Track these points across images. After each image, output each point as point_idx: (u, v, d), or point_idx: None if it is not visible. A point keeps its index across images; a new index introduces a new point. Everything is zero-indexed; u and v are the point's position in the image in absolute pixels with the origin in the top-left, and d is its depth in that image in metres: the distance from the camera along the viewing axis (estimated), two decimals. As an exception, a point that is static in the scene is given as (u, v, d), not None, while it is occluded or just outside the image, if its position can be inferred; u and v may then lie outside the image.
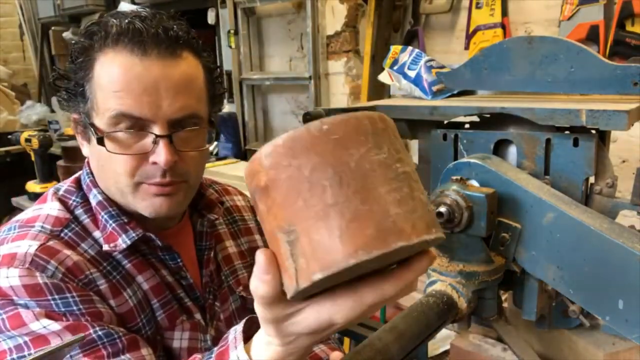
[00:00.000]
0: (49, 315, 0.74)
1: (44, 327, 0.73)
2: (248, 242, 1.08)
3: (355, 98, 2.58)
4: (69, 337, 0.73)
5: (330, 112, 0.96)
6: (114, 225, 0.86)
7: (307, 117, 0.94)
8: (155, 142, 0.80)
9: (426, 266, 0.48)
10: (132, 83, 0.78)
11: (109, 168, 0.83)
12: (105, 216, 0.87)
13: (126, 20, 0.80)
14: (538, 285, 0.81)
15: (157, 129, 0.80)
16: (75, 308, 0.76)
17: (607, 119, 0.73)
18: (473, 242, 0.76)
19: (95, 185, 0.88)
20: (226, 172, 2.66)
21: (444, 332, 1.29)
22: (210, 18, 3.08)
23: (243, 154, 3.06)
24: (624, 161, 1.89)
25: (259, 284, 0.48)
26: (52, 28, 4.43)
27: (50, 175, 2.92)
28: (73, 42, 0.85)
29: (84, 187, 0.90)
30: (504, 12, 2.07)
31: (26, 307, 0.74)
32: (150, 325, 0.85)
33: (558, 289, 0.76)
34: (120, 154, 0.81)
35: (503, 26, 2.07)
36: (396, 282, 0.48)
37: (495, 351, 1.00)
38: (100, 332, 0.75)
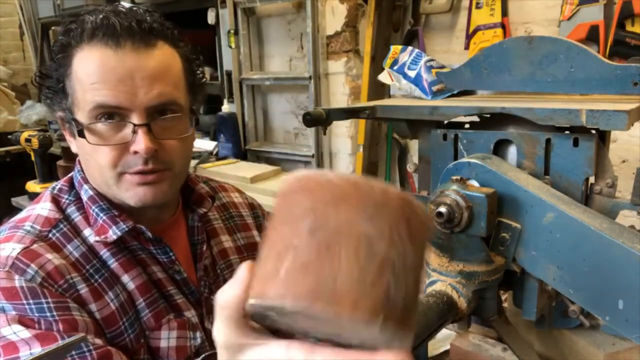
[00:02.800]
0: (21, 321, 0.75)
1: (14, 332, 0.73)
2: (245, 237, 1.09)
3: (355, 98, 2.58)
4: (37, 346, 0.73)
5: (331, 112, 0.96)
6: (104, 217, 0.87)
7: (307, 117, 0.94)
8: (134, 132, 0.82)
9: None
10: (108, 75, 0.81)
11: (93, 161, 0.85)
12: (96, 209, 0.88)
13: (101, 16, 0.83)
14: (538, 285, 0.81)
15: (135, 118, 0.82)
16: (48, 314, 0.76)
17: (607, 119, 0.73)
18: (473, 242, 0.76)
19: (86, 181, 0.90)
20: (226, 172, 2.66)
21: (444, 332, 1.29)
22: (210, 18, 3.08)
23: (243, 154, 3.06)
24: (624, 161, 1.89)
25: (227, 289, 0.46)
26: (52, 28, 4.43)
27: (50, 175, 2.92)
28: (54, 40, 0.88)
29: (76, 184, 0.91)
30: (504, 12, 2.07)
31: (3, 310, 0.74)
32: (134, 328, 0.84)
33: (558, 289, 0.76)
34: (100, 145, 0.82)
35: (503, 26, 2.07)
36: (349, 357, 0.44)
37: (495, 351, 1.00)
38: None
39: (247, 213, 1.12)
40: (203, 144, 3.15)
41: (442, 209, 0.73)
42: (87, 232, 0.87)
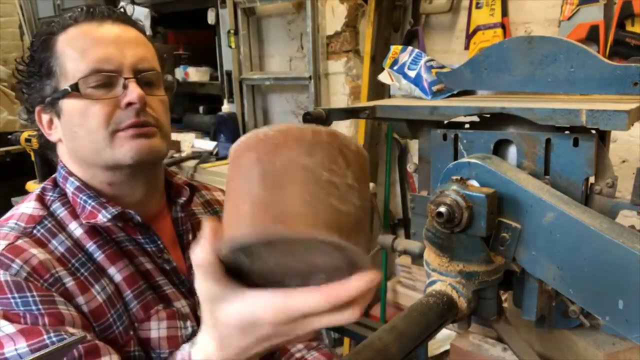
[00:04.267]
0: (6, 316, 0.75)
1: None
2: None
3: (355, 98, 2.58)
4: (22, 342, 0.74)
5: (331, 112, 0.96)
6: (93, 204, 0.89)
7: (307, 117, 0.94)
8: (125, 87, 0.89)
9: (361, 286, 0.47)
10: (97, 41, 0.89)
11: (84, 128, 0.88)
12: (84, 197, 0.90)
13: (79, 9, 0.93)
14: (538, 285, 0.81)
15: (125, 74, 0.89)
16: (34, 308, 0.76)
17: (607, 119, 0.73)
18: (473, 242, 0.76)
19: (71, 174, 0.93)
20: (226, 172, 2.66)
21: (444, 332, 1.29)
22: (210, 18, 3.08)
23: (243, 154, 3.06)
24: (624, 161, 1.89)
25: (198, 249, 0.49)
26: (52, 28, 4.43)
27: (50, 176, 2.91)
28: (34, 34, 0.97)
29: (60, 180, 0.94)
30: (504, 12, 2.07)
31: None
32: (122, 320, 0.85)
33: (558, 289, 0.76)
34: (94, 99, 0.87)
35: (503, 26, 2.07)
36: (324, 294, 0.47)
37: (495, 351, 1.00)
38: (54, 338, 0.75)
39: None
40: (203, 144, 3.15)
41: (442, 209, 0.73)
42: (73, 225, 0.88)
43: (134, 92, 0.88)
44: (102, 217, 0.87)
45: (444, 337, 1.33)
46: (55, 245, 0.85)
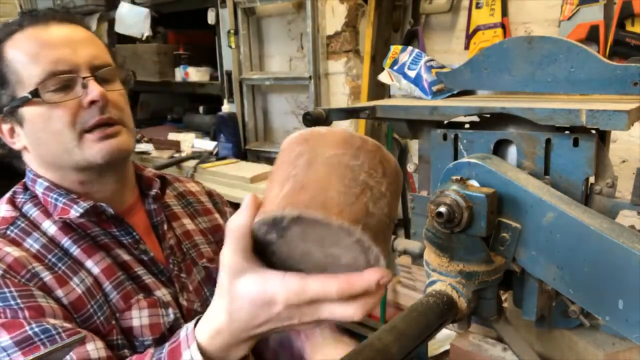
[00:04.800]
0: None
1: None
2: (208, 221, 1.12)
3: (355, 98, 2.58)
4: (4, 335, 0.74)
5: (331, 112, 0.96)
6: (64, 201, 0.90)
7: (307, 117, 0.94)
8: (84, 86, 0.88)
9: (374, 279, 0.50)
10: (47, 44, 0.88)
11: (49, 132, 0.89)
12: (55, 196, 0.91)
13: (20, 14, 0.95)
14: (538, 285, 0.81)
15: (82, 73, 0.89)
16: (13, 303, 0.77)
17: (607, 119, 0.73)
18: (473, 242, 0.76)
19: (39, 176, 0.93)
20: (226, 172, 2.66)
21: (444, 332, 1.29)
22: (210, 18, 3.08)
23: (243, 154, 3.06)
24: (624, 161, 1.89)
25: (235, 216, 0.53)
26: (52, 28, 4.43)
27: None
28: None
29: (29, 183, 0.95)
30: (504, 12, 2.07)
31: None
32: (102, 311, 0.85)
33: (558, 289, 0.76)
34: (56, 102, 0.87)
35: (503, 26, 2.07)
36: (341, 282, 0.51)
37: (495, 351, 1.00)
38: (37, 329, 0.75)
39: (206, 199, 1.16)
40: (203, 144, 3.15)
41: (442, 209, 0.73)
42: (47, 224, 0.89)
43: (94, 90, 0.88)
44: (74, 212, 0.88)
45: (444, 337, 1.33)
46: (30, 243, 0.86)
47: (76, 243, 0.88)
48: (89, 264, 0.87)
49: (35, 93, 0.86)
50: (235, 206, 1.18)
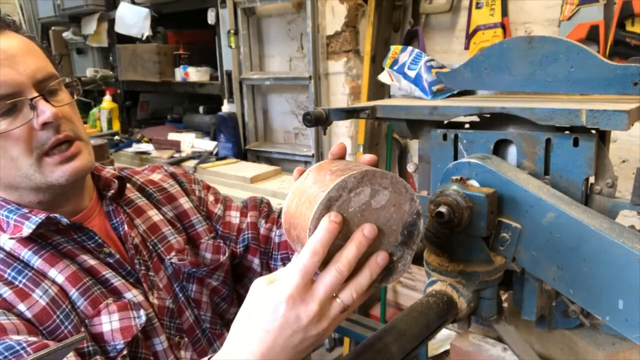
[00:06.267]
0: None
1: None
2: (173, 208, 1.10)
3: (355, 98, 2.58)
4: None
5: (331, 112, 0.96)
6: (15, 217, 0.87)
7: (307, 117, 0.94)
8: (33, 107, 0.83)
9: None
10: None
11: (5, 158, 0.84)
12: (5, 213, 0.87)
13: None
14: (538, 285, 0.81)
15: (28, 94, 0.83)
16: None
17: (607, 119, 0.73)
18: (473, 242, 0.76)
19: None
20: (226, 172, 2.66)
21: (444, 332, 1.29)
22: (210, 18, 3.08)
23: (243, 154, 3.06)
24: (624, 161, 1.89)
25: (305, 260, 0.56)
26: (52, 28, 4.43)
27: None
28: None
29: None
30: (504, 12, 2.07)
31: None
32: (70, 319, 0.84)
33: (558, 289, 0.76)
34: (7, 130, 0.82)
35: (503, 26, 2.07)
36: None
37: (495, 351, 1.00)
38: (0, 347, 0.73)
39: (170, 183, 1.13)
40: (203, 144, 3.15)
41: (442, 209, 0.73)
42: (3, 239, 0.86)
43: (46, 111, 0.83)
44: (27, 229, 0.85)
45: (444, 337, 1.34)
46: None
47: (37, 254, 0.86)
48: (52, 273, 0.85)
49: None
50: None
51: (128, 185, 1.06)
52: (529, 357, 0.82)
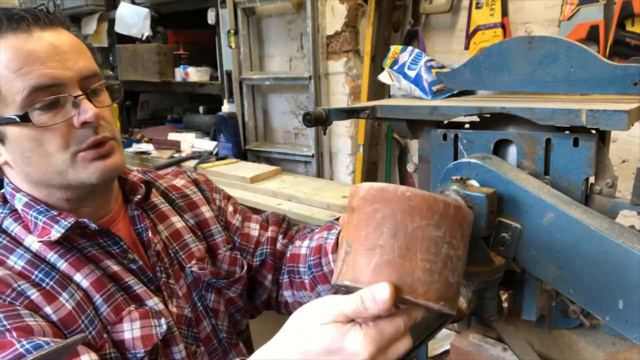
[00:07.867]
0: None
1: None
2: (194, 216, 1.08)
3: (355, 98, 2.58)
4: None
5: (331, 112, 0.96)
6: (44, 219, 0.86)
7: (307, 117, 0.94)
8: (75, 105, 0.83)
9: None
10: (31, 56, 0.81)
11: (39, 153, 0.83)
12: (34, 214, 0.87)
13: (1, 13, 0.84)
14: (538, 285, 0.81)
15: (73, 91, 0.83)
16: None
17: (607, 119, 0.73)
18: (473, 242, 0.76)
19: (18, 190, 0.89)
20: (226, 172, 2.66)
21: (444, 332, 1.29)
22: (210, 18, 3.08)
23: (243, 154, 3.06)
24: (624, 161, 1.89)
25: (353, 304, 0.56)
26: (52, 28, 4.43)
27: None
28: None
29: (8, 197, 0.90)
30: (504, 12, 2.07)
31: None
32: (94, 325, 0.83)
33: (558, 289, 0.76)
34: (48, 125, 0.82)
35: (503, 26, 2.07)
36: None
37: (495, 351, 1.00)
38: (28, 346, 0.73)
39: (192, 190, 1.12)
40: (203, 144, 3.15)
41: (442, 209, 0.73)
42: (29, 239, 0.86)
43: (88, 111, 0.83)
44: (55, 232, 0.84)
45: (444, 337, 1.33)
46: (14, 261, 0.83)
47: (63, 257, 0.85)
48: (77, 277, 0.85)
49: (24, 117, 0.81)
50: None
51: (153, 189, 1.05)
52: (529, 357, 0.82)
